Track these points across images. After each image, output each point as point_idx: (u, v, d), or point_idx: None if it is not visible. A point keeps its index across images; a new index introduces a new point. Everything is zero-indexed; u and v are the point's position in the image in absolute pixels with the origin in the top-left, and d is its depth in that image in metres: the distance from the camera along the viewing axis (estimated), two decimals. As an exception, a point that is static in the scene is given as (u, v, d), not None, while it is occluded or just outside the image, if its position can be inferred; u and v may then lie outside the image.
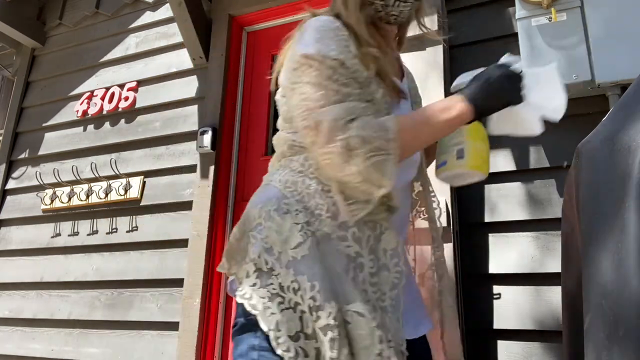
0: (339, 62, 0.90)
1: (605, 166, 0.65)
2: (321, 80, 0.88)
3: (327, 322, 0.78)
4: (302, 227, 0.86)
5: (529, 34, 1.78)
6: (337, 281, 0.84)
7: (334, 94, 0.87)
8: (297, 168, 0.94)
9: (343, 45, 0.92)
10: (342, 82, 0.89)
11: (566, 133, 1.78)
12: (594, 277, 0.59)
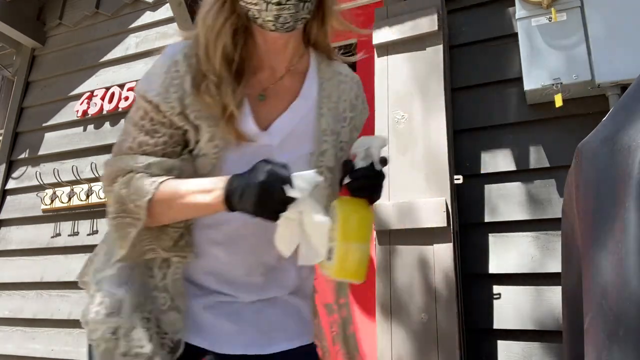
0: (152, 105, 0.86)
1: (606, 166, 0.65)
2: (130, 123, 0.90)
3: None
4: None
5: (529, 34, 1.78)
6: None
7: (130, 141, 0.88)
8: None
9: (167, 86, 0.86)
10: (145, 129, 0.87)
11: (566, 133, 1.78)
12: (594, 277, 0.59)
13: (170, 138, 0.88)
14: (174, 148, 0.89)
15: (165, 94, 0.86)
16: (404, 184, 1.81)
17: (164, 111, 0.86)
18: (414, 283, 1.70)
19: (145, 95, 0.87)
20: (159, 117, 0.87)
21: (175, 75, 0.87)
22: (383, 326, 1.71)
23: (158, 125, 0.87)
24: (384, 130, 1.93)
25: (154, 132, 0.87)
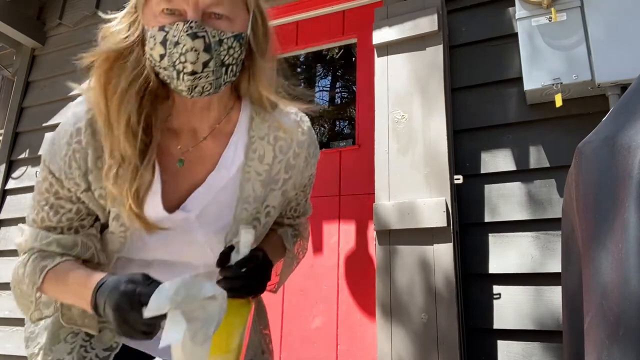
0: (56, 179, 0.79)
1: (606, 166, 0.65)
2: (37, 191, 0.83)
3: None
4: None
5: (529, 34, 1.78)
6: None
7: (35, 213, 0.82)
8: None
9: (69, 160, 0.77)
10: (50, 202, 0.80)
11: (566, 133, 1.78)
12: (594, 277, 0.59)
13: (77, 214, 0.81)
14: (81, 221, 0.82)
15: (68, 170, 0.77)
16: (404, 184, 1.81)
17: (68, 187, 0.79)
18: (414, 283, 1.70)
19: (49, 167, 0.79)
20: (64, 192, 0.80)
21: (77, 147, 0.77)
22: (383, 326, 1.71)
23: (63, 200, 0.80)
24: (384, 130, 1.93)
25: (59, 206, 0.80)
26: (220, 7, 0.68)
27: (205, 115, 0.82)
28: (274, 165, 0.87)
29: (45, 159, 0.80)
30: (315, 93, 2.77)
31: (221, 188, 0.84)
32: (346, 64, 2.67)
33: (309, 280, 2.16)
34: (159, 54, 0.68)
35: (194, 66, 0.67)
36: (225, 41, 0.69)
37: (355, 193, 2.18)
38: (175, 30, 0.66)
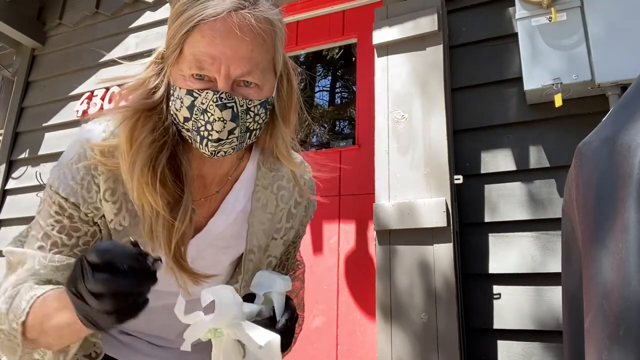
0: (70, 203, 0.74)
1: (606, 166, 0.65)
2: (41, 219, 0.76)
3: None
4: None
5: (529, 34, 1.78)
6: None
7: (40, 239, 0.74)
8: None
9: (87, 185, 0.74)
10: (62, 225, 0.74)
11: (566, 133, 1.78)
12: (595, 277, 0.59)
13: (92, 237, 0.76)
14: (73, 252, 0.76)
15: (87, 194, 0.74)
16: (404, 184, 1.81)
17: (85, 212, 0.74)
18: (414, 283, 1.70)
19: (58, 191, 0.74)
20: (81, 215, 0.74)
21: (94, 173, 0.74)
22: (383, 326, 1.71)
23: (79, 222, 0.74)
24: (384, 130, 1.93)
25: (74, 229, 0.74)
26: (251, 77, 0.67)
27: (218, 166, 0.81)
28: (275, 213, 0.86)
29: (53, 184, 0.75)
30: (315, 93, 2.77)
31: (219, 233, 0.82)
32: (346, 64, 2.67)
33: (309, 280, 2.16)
34: (184, 117, 0.68)
35: (220, 134, 0.67)
36: (252, 109, 0.69)
37: (355, 193, 2.18)
38: (204, 98, 0.66)
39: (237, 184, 0.83)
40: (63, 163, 0.76)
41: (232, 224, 0.82)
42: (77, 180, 0.74)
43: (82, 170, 0.74)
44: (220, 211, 0.81)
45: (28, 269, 0.72)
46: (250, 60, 0.66)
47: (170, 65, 0.69)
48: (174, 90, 0.69)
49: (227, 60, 0.65)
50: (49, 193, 0.76)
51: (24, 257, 0.73)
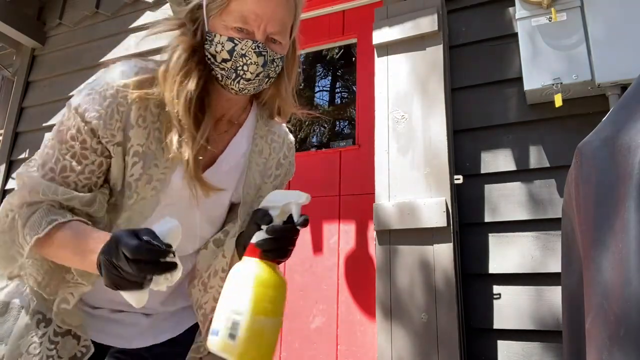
0: (89, 127, 0.81)
1: (606, 166, 0.65)
2: (56, 139, 0.85)
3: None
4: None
5: (529, 34, 1.78)
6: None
7: (53, 162, 0.83)
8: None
9: (112, 112, 0.82)
10: (73, 151, 0.82)
11: (566, 133, 1.78)
12: (595, 277, 0.59)
13: (99, 167, 0.84)
14: (97, 178, 0.85)
15: (108, 120, 0.82)
16: (404, 184, 1.81)
17: (101, 136, 0.82)
18: (414, 283, 1.70)
19: (83, 115, 0.81)
20: (93, 142, 0.82)
21: (122, 102, 0.82)
22: (383, 326, 1.71)
23: (89, 150, 0.83)
24: (384, 130, 1.93)
25: (83, 157, 0.83)
26: (279, 36, 0.86)
27: (231, 107, 0.95)
28: (269, 160, 1.02)
29: (78, 106, 0.82)
30: (315, 93, 2.77)
31: (225, 172, 0.95)
32: (346, 64, 2.67)
33: (309, 280, 2.16)
34: (223, 58, 0.84)
35: (252, 75, 0.84)
36: (275, 60, 0.87)
37: (355, 193, 2.18)
38: (244, 45, 0.82)
39: (241, 129, 0.98)
40: (93, 88, 0.84)
41: (237, 166, 0.97)
42: (104, 106, 0.82)
43: (109, 98, 0.82)
44: (228, 150, 0.95)
45: (36, 191, 0.81)
46: (282, 22, 0.85)
47: (212, 16, 0.84)
48: (212, 36, 0.84)
49: (267, 19, 0.82)
50: (70, 116, 0.83)
51: (34, 184, 0.82)
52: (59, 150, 0.84)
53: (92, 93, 0.83)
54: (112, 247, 0.67)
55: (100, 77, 0.86)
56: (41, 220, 0.78)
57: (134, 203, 0.86)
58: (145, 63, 0.88)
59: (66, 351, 0.86)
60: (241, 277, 0.74)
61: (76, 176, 0.83)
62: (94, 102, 0.82)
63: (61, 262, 0.82)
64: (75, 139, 0.82)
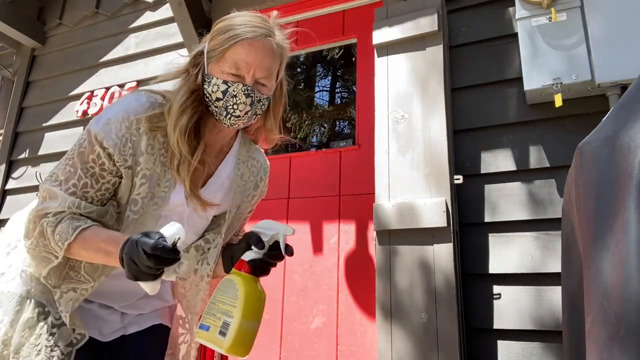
0: (106, 153, 0.97)
1: (606, 166, 0.65)
2: (78, 158, 0.99)
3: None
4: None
5: (529, 34, 1.78)
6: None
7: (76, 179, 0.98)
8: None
9: (125, 141, 0.98)
10: (92, 172, 0.98)
11: (566, 133, 1.78)
12: (595, 277, 0.59)
13: (112, 186, 1.01)
14: (110, 194, 1.02)
15: (122, 148, 0.98)
16: (404, 184, 1.81)
17: (116, 161, 0.98)
18: (414, 283, 1.70)
19: (101, 142, 0.97)
20: (109, 165, 0.99)
21: (135, 133, 0.99)
22: (383, 326, 1.71)
23: (106, 172, 0.99)
24: (384, 130, 1.93)
25: (101, 177, 0.99)
26: (266, 80, 1.02)
27: (224, 137, 1.11)
28: (248, 182, 1.19)
29: (98, 134, 0.97)
30: (315, 93, 2.77)
31: (214, 191, 1.11)
32: (346, 64, 2.67)
33: (309, 280, 2.16)
34: (217, 97, 1.00)
35: (240, 112, 1.01)
36: (261, 100, 1.03)
37: (355, 193, 2.18)
38: (235, 87, 0.99)
39: (227, 155, 1.15)
40: (110, 119, 0.99)
41: (222, 183, 1.14)
42: (119, 136, 0.98)
43: (124, 129, 0.98)
44: (217, 171, 1.13)
45: (62, 205, 0.96)
46: (269, 69, 1.01)
47: (210, 62, 1.01)
48: (210, 79, 1.01)
49: (255, 67, 0.99)
50: (91, 141, 0.98)
51: (59, 197, 0.96)
52: (81, 169, 0.98)
53: (110, 123, 0.98)
54: (133, 246, 0.83)
55: (116, 107, 1.01)
56: (68, 227, 0.94)
57: (140, 217, 1.02)
58: (155, 98, 1.03)
59: (62, 339, 0.99)
60: (233, 288, 0.93)
61: (94, 192, 0.99)
62: (111, 132, 0.98)
63: (86, 259, 0.98)
64: (95, 162, 0.98)
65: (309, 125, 2.60)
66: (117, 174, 1.00)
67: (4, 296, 1.02)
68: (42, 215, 0.96)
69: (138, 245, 0.82)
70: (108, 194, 1.01)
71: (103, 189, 1.00)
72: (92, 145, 0.98)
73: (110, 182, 1.00)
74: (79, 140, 1.01)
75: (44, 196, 0.99)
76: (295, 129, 2.63)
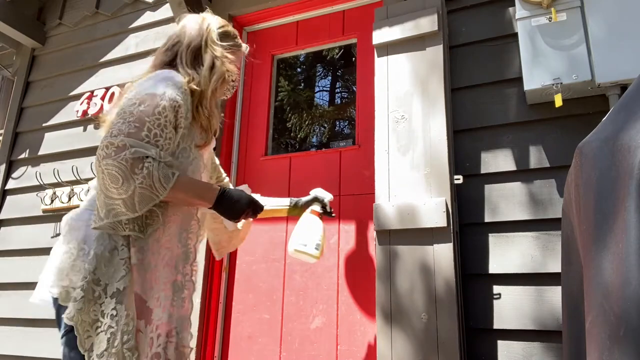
0: (175, 105, 1.21)
1: (606, 166, 0.65)
2: (143, 114, 1.15)
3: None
4: (125, 262, 1.15)
5: (529, 34, 1.78)
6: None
7: (146, 130, 1.15)
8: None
9: (175, 106, 1.21)
10: (158, 123, 1.17)
11: (566, 133, 1.78)
12: (595, 278, 0.59)
13: (172, 135, 1.21)
14: (170, 145, 1.22)
15: (171, 110, 1.20)
16: (404, 184, 1.81)
17: (180, 113, 1.22)
18: (414, 283, 1.70)
19: (173, 98, 1.20)
20: (172, 117, 1.20)
21: (182, 102, 1.23)
22: (383, 326, 1.71)
23: (169, 123, 1.19)
24: (384, 130, 1.93)
25: (164, 127, 1.18)
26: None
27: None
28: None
29: (165, 94, 1.19)
30: (315, 93, 2.76)
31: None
32: (346, 64, 2.67)
33: (309, 280, 2.16)
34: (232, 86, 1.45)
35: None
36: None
37: (355, 193, 2.18)
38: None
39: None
40: (169, 83, 1.23)
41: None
42: (180, 93, 1.23)
43: (175, 97, 1.22)
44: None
45: (145, 152, 1.12)
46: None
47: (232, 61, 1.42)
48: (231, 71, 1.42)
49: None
50: (159, 98, 1.18)
51: (138, 144, 1.12)
52: (148, 122, 1.15)
53: (170, 86, 1.22)
54: (241, 194, 1.31)
55: (166, 76, 1.26)
56: (167, 172, 1.15)
57: (192, 160, 1.29)
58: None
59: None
60: (315, 223, 1.57)
61: (163, 141, 1.17)
62: (174, 91, 1.22)
63: (179, 201, 1.23)
64: (161, 114, 1.17)
65: (309, 125, 2.60)
66: (177, 126, 1.22)
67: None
68: (141, 159, 1.10)
69: (244, 197, 1.30)
70: (168, 144, 1.20)
71: (167, 137, 1.18)
72: (163, 102, 1.18)
73: (172, 133, 1.20)
74: (133, 101, 1.18)
75: (120, 145, 1.09)
76: (295, 129, 2.63)
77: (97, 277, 1.12)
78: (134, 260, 1.15)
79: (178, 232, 1.25)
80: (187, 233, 1.27)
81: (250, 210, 1.32)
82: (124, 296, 1.11)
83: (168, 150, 1.19)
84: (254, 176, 2.45)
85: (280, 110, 2.65)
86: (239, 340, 2.23)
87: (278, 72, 2.67)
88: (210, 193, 1.26)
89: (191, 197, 1.23)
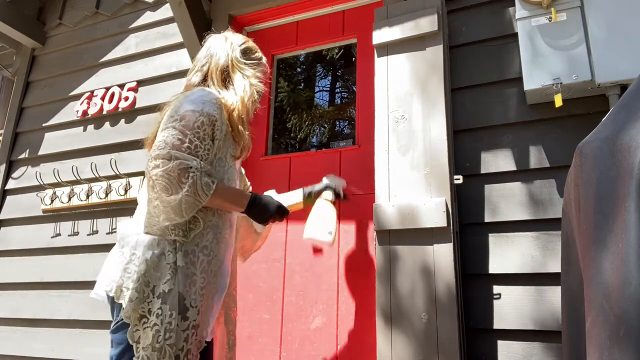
0: (212, 120, 1.35)
1: (606, 166, 0.65)
2: (186, 127, 1.30)
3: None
4: (170, 267, 1.28)
5: (529, 34, 1.78)
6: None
7: (188, 142, 1.29)
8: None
9: (212, 121, 1.35)
10: (198, 135, 1.31)
11: (566, 133, 1.78)
12: (595, 278, 0.59)
13: (210, 147, 1.35)
14: (208, 155, 1.35)
15: (209, 124, 1.35)
16: (404, 184, 1.81)
17: (216, 127, 1.36)
18: (414, 283, 1.70)
19: (209, 113, 1.34)
20: (209, 131, 1.34)
21: (217, 118, 1.37)
22: (383, 326, 1.71)
23: (207, 136, 1.34)
24: (384, 130, 1.93)
25: (203, 139, 1.32)
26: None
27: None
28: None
29: (204, 109, 1.34)
30: (315, 93, 2.76)
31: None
32: (346, 64, 2.67)
33: (309, 280, 2.16)
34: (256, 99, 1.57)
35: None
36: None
37: (355, 193, 2.18)
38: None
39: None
40: (205, 101, 1.37)
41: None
42: (216, 109, 1.37)
43: (213, 114, 1.36)
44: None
45: (188, 163, 1.26)
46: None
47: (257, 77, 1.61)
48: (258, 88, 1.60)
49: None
50: (199, 113, 1.33)
51: (182, 156, 1.26)
52: (190, 135, 1.29)
53: (207, 103, 1.36)
54: (271, 200, 1.48)
55: (201, 93, 1.40)
56: (208, 180, 1.29)
57: (228, 169, 1.42)
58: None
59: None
60: (328, 210, 1.71)
61: (202, 152, 1.31)
62: (212, 107, 1.36)
63: (216, 206, 1.37)
64: (201, 127, 1.32)
65: (309, 125, 2.60)
66: (214, 138, 1.35)
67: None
68: (186, 169, 1.25)
69: (272, 202, 1.47)
70: (207, 156, 1.33)
71: (207, 148, 1.32)
72: (202, 118, 1.32)
73: (210, 145, 1.34)
74: (174, 117, 1.32)
75: (167, 157, 1.24)
76: (295, 129, 2.63)
77: (147, 279, 1.26)
78: (180, 263, 1.28)
79: (215, 237, 1.38)
80: (222, 237, 1.40)
81: (278, 215, 1.49)
82: (169, 297, 1.25)
83: (207, 160, 1.33)
84: (254, 176, 2.45)
85: (280, 110, 2.65)
86: (239, 340, 2.23)
87: (278, 72, 2.67)
88: (243, 199, 1.42)
89: (227, 203, 1.39)
